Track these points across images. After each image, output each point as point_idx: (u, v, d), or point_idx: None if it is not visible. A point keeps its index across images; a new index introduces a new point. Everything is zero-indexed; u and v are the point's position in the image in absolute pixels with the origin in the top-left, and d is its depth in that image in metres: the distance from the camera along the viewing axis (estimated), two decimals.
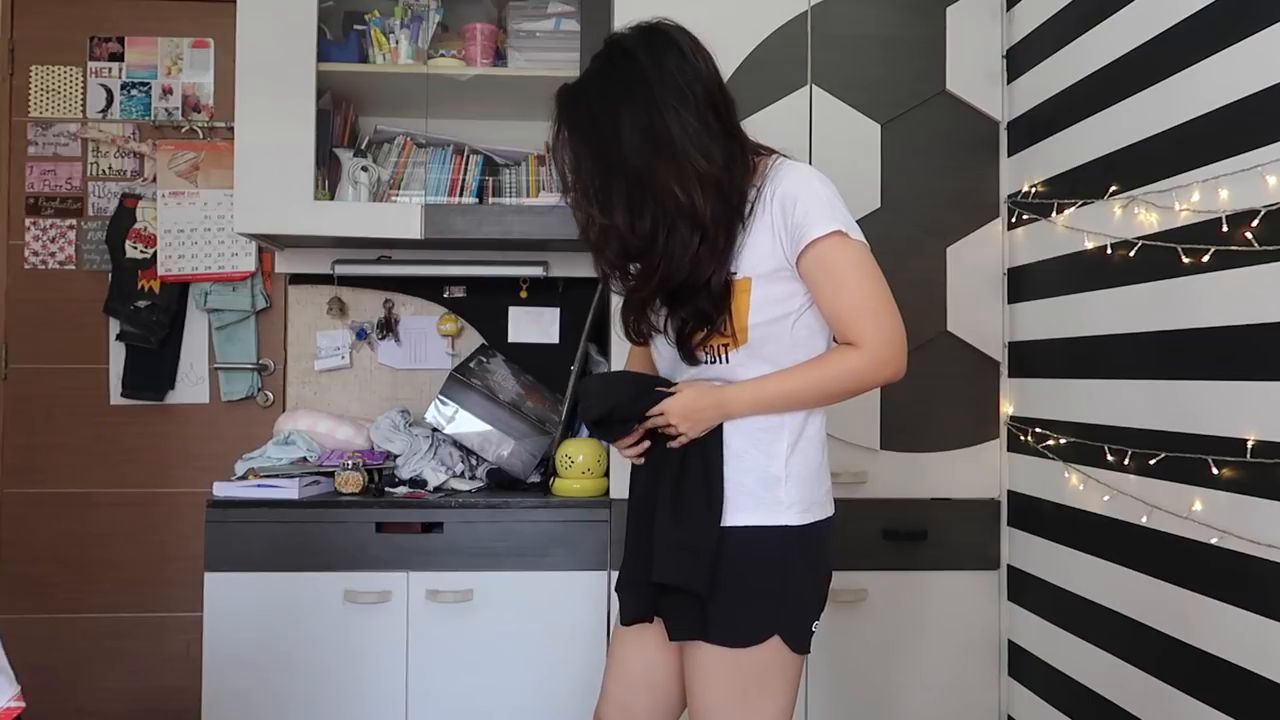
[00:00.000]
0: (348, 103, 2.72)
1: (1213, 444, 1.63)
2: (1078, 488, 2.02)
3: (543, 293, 2.85)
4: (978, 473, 2.34)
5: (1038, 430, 2.18)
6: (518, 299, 2.85)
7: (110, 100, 2.88)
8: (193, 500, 2.81)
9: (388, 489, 2.39)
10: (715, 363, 1.53)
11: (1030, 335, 2.24)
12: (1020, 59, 2.30)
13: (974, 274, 2.34)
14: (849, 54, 2.33)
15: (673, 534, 1.48)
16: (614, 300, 2.32)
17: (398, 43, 2.55)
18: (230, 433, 2.85)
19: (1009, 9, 2.34)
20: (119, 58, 2.89)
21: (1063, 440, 2.08)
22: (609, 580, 2.27)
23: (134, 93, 2.88)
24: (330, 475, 2.39)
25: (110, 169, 2.88)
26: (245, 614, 2.22)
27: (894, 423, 2.32)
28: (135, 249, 2.83)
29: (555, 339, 2.85)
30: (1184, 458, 1.69)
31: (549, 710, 2.27)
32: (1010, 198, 2.33)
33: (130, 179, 2.88)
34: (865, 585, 2.30)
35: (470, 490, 2.40)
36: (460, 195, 2.64)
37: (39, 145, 2.86)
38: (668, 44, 1.48)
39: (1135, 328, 1.85)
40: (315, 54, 2.40)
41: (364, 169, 2.55)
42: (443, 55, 2.55)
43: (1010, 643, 2.32)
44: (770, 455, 1.51)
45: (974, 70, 2.35)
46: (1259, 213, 1.52)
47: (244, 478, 2.36)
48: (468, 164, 2.65)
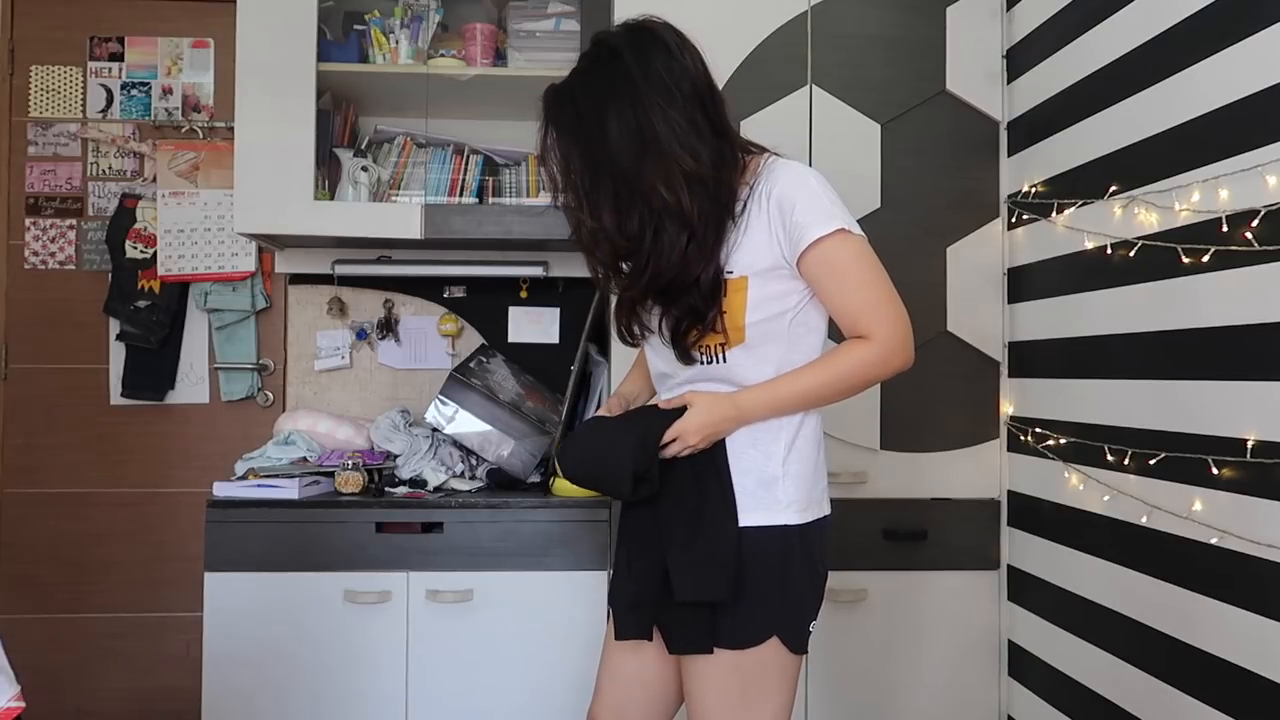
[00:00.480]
0: (348, 103, 2.72)
1: (1213, 444, 1.63)
2: (1078, 488, 2.02)
3: (543, 293, 2.85)
4: (978, 473, 2.34)
5: (1038, 430, 2.18)
6: (518, 299, 2.85)
7: (110, 100, 2.88)
8: (192, 500, 2.81)
9: (388, 489, 2.39)
10: (713, 362, 1.52)
11: (1030, 335, 2.24)
12: (1020, 59, 2.30)
13: (974, 274, 2.34)
14: (849, 54, 2.33)
15: (699, 549, 1.46)
16: (613, 300, 2.32)
17: (398, 43, 2.55)
18: (230, 433, 2.85)
19: (1009, 9, 2.34)
20: (119, 58, 2.88)
21: (1063, 440, 2.08)
22: (609, 580, 2.27)
23: (134, 93, 2.88)
24: (330, 475, 2.39)
25: (110, 169, 2.88)
26: (245, 614, 2.22)
27: (894, 423, 2.32)
28: (135, 249, 2.83)
29: (555, 339, 2.85)
30: (1184, 458, 1.69)
31: (548, 710, 2.27)
32: (1010, 198, 2.33)
33: (130, 179, 2.88)
34: (865, 585, 2.30)
35: (470, 490, 2.40)
36: (460, 195, 2.64)
37: (39, 145, 2.86)
38: (654, 42, 1.47)
39: (1135, 328, 1.85)
40: (315, 54, 2.40)
41: (364, 169, 2.55)
42: (443, 55, 2.55)
43: (1010, 643, 2.32)
44: (768, 455, 1.50)
45: (974, 70, 2.35)
46: (1259, 213, 1.52)
47: (244, 478, 2.36)
48: (468, 164, 2.65)
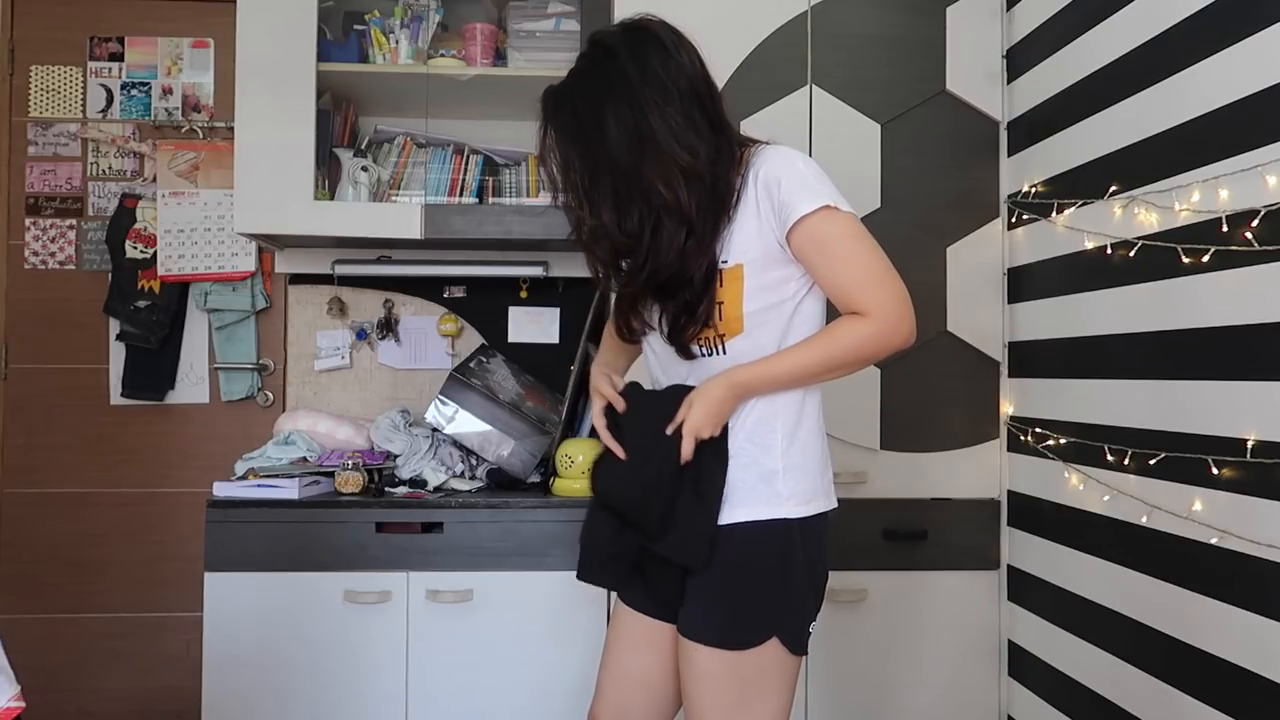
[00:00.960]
0: (348, 103, 2.72)
1: (1213, 444, 1.63)
2: (1078, 488, 2.02)
3: (543, 293, 2.85)
4: (978, 473, 2.34)
5: (1038, 430, 2.18)
6: (518, 299, 2.85)
7: (110, 100, 2.88)
8: (192, 500, 2.81)
9: (388, 489, 2.39)
10: (712, 354, 1.52)
11: (1030, 335, 2.24)
12: (1020, 59, 2.30)
13: (974, 274, 2.34)
14: (849, 54, 2.33)
15: (695, 519, 1.47)
16: (613, 299, 2.32)
17: (398, 43, 2.55)
18: (230, 433, 2.85)
19: (1009, 9, 2.34)
20: (119, 58, 2.88)
21: (1063, 440, 2.08)
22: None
23: (134, 93, 2.88)
24: (330, 475, 2.39)
25: (110, 169, 2.88)
26: (245, 614, 2.22)
27: (894, 423, 2.32)
28: (135, 249, 2.83)
29: (555, 339, 2.85)
30: (1184, 458, 1.69)
31: (548, 710, 2.27)
32: (1010, 198, 2.33)
33: (130, 179, 2.88)
34: (865, 585, 2.30)
35: (470, 490, 2.40)
36: (460, 195, 2.64)
37: (39, 145, 2.86)
38: (650, 41, 1.48)
39: (1135, 328, 1.85)
40: (315, 54, 2.40)
41: (364, 169, 2.55)
42: (443, 55, 2.55)
43: (1010, 643, 2.32)
44: (765, 449, 1.49)
45: (974, 70, 2.35)
46: (1259, 213, 1.52)
47: (244, 478, 2.36)
48: (468, 164, 2.65)
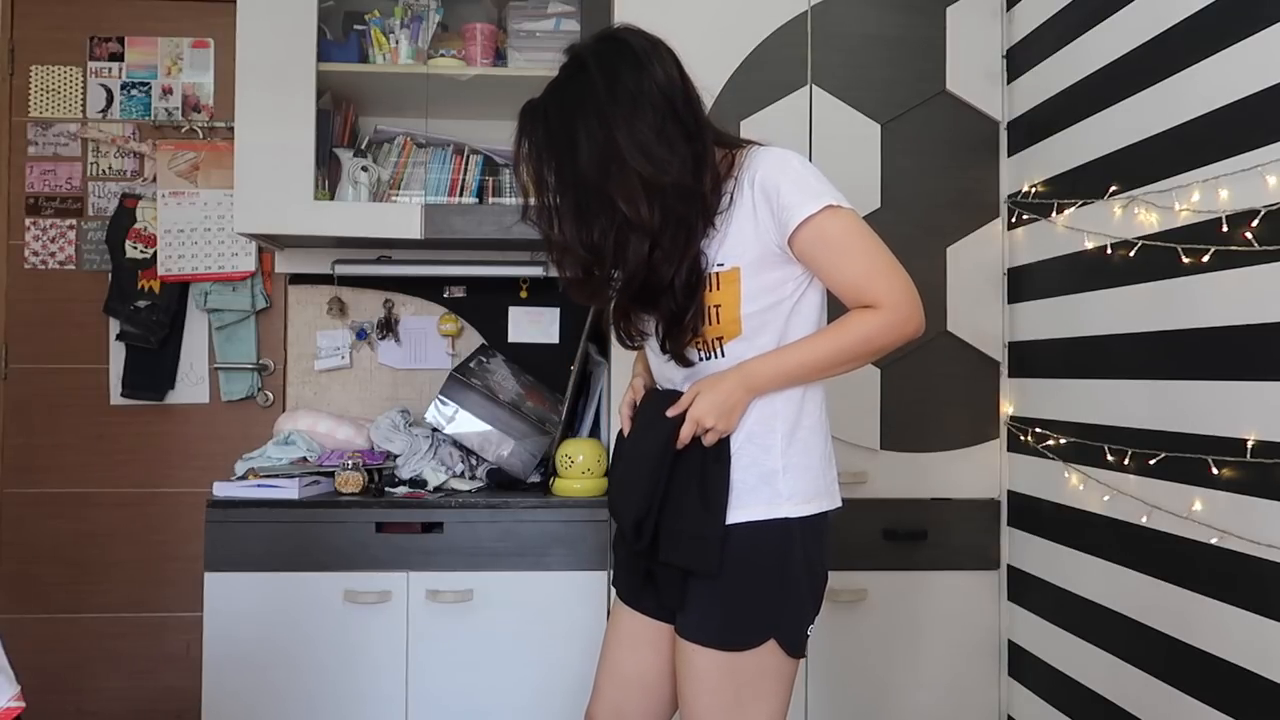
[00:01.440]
0: (348, 103, 2.72)
1: (1213, 444, 1.63)
2: (1078, 488, 2.02)
3: (543, 293, 2.85)
4: (978, 473, 2.34)
5: (1038, 430, 2.18)
6: (518, 299, 2.85)
7: (110, 100, 2.88)
8: (193, 500, 2.81)
9: (388, 489, 2.39)
10: (711, 358, 1.52)
11: (1030, 335, 2.24)
12: (1020, 59, 2.30)
13: (974, 274, 2.34)
14: (849, 54, 2.33)
15: (704, 525, 1.46)
16: (613, 300, 2.32)
17: (398, 43, 2.55)
18: (230, 433, 2.85)
19: (1009, 9, 2.34)
20: (119, 58, 2.88)
21: (1063, 440, 2.08)
22: (609, 580, 2.27)
23: (134, 93, 2.88)
24: (330, 475, 2.39)
25: (110, 169, 2.88)
26: (245, 614, 2.22)
27: (894, 423, 2.32)
28: (135, 249, 2.83)
29: (555, 339, 2.85)
30: (1184, 458, 1.69)
31: (548, 710, 2.27)
32: (1010, 198, 2.33)
33: (130, 179, 2.88)
34: (865, 585, 2.30)
35: (470, 490, 2.40)
36: (460, 195, 2.64)
37: (39, 145, 2.86)
38: (620, 52, 1.46)
39: (1135, 328, 1.85)
40: (315, 54, 2.40)
41: (364, 169, 2.55)
42: (443, 55, 2.55)
43: (1010, 643, 2.32)
44: (766, 449, 1.49)
45: (974, 70, 2.35)
46: (1259, 213, 1.52)
47: (244, 478, 2.36)
48: (468, 164, 2.65)
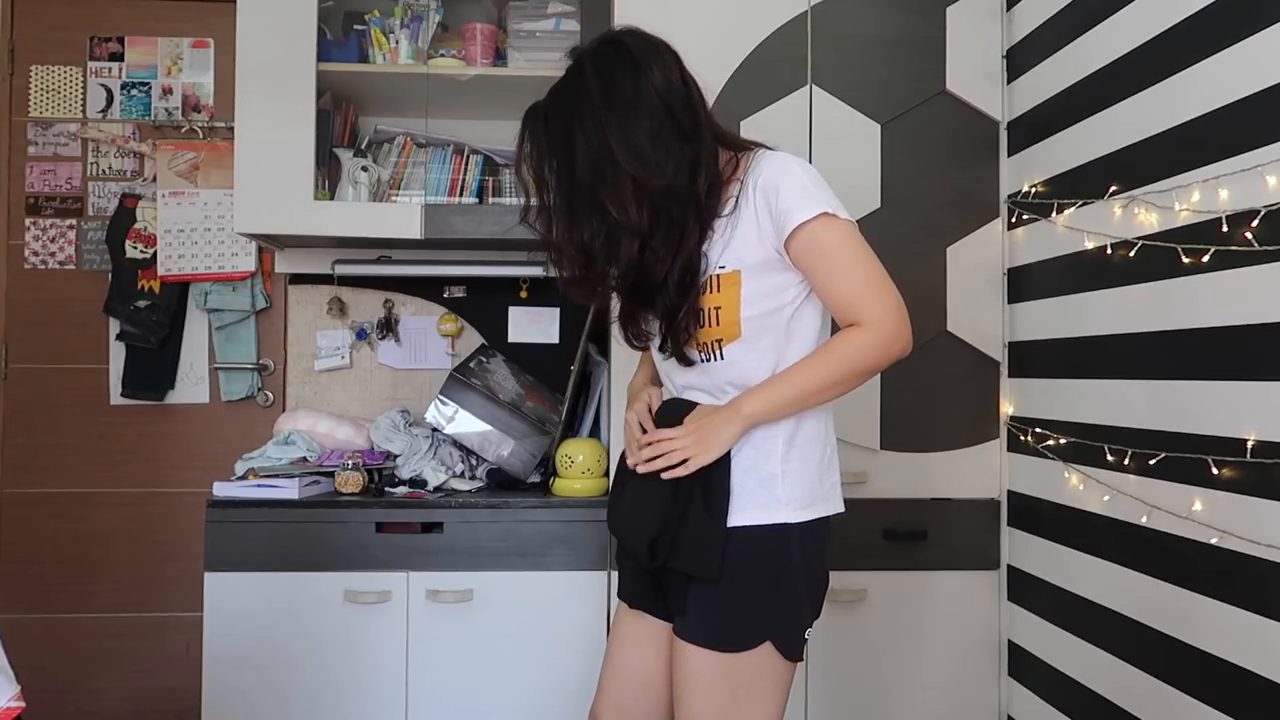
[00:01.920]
0: (348, 103, 2.72)
1: (1213, 444, 1.63)
2: (1078, 488, 2.02)
3: (543, 293, 2.85)
4: (978, 473, 2.34)
5: (1038, 430, 2.18)
6: (518, 299, 2.85)
7: (110, 100, 2.88)
8: (193, 500, 2.81)
9: (388, 489, 2.39)
10: (710, 360, 1.52)
11: (1030, 335, 2.24)
12: (1020, 59, 2.30)
13: (974, 274, 2.34)
14: (849, 54, 2.33)
15: (707, 531, 1.47)
16: (614, 300, 2.32)
17: (398, 43, 2.55)
18: (230, 433, 2.85)
19: (1009, 9, 2.34)
20: (119, 58, 2.89)
21: (1063, 440, 2.08)
22: (609, 580, 2.27)
23: (134, 93, 2.89)
24: (330, 475, 2.39)
25: (110, 169, 2.88)
26: (245, 614, 2.22)
27: (894, 423, 2.32)
28: (135, 249, 2.83)
29: (555, 339, 2.85)
30: (1184, 458, 1.69)
31: (549, 710, 2.27)
32: (1010, 198, 2.33)
33: (130, 179, 2.88)
34: (865, 585, 2.30)
35: (470, 490, 2.40)
36: (460, 195, 2.64)
37: (39, 145, 2.86)
38: (617, 57, 1.47)
39: (1135, 328, 1.85)
40: (315, 54, 2.40)
41: (364, 169, 2.55)
42: (443, 55, 2.55)
43: (1010, 643, 2.32)
44: (766, 453, 1.50)
45: (974, 70, 2.35)
46: (1259, 213, 1.52)
47: (244, 478, 2.36)
48: (468, 164, 2.65)
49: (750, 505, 1.48)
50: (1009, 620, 2.33)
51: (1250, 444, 1.54)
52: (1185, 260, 1.69)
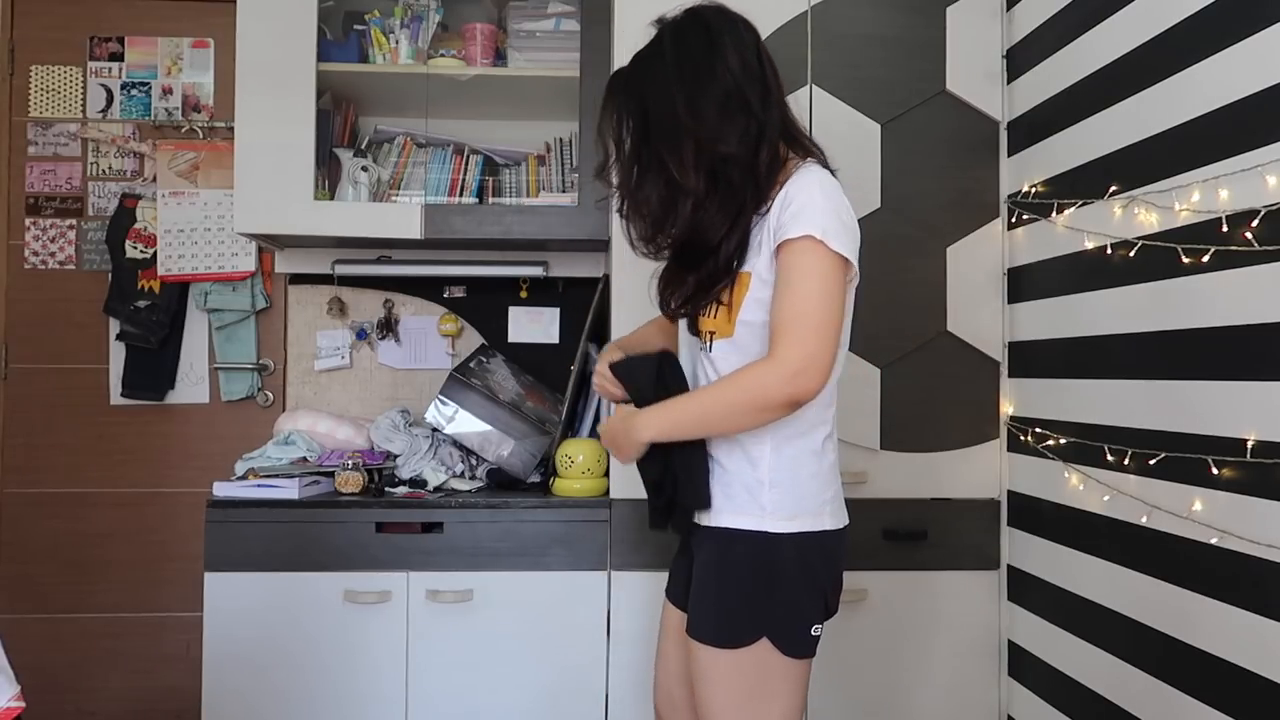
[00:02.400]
0: (348, 103, 2.72)
1: (1213, 444, 1.63)
2: (1078, 488, 2.02)
3: (543, 293, 2.85)
4: (978, 473, 2.34)
5: (1038, 430, 2.18)
6: (518, 299, 2.85)
7: (110, 100, 2.88)
8: (192, 500, 2.81)
9: (388, 489, 2.39)
10: (704, 349, 1.56)
11: (1030, 335, 2.24)
12: (1020, 59, 2.30)
13: (974, 274, 2.34)
14: (849, 54, 2.33)
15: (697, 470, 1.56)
16: (614, 300, 2.32)
17: (398, 43, 2.55)
18: (230, 433, 2.85)
19: (1009, 9, 2.34)
20: (119, 58, 2.89)
21: (1063, 440, 2.08)
22: (609, 580, 2.27)
23: (134, 93, 2.89)
24: (330, 475, 2.39)
25: (110, 169, 2.88)
26: (245, 614, 2.22)
27: (894, 423, 2.32)
28: (135, 249, 2.83)
29: (555, 339, 2.85)
30: (1184, 458, 1.69)
31: (549, 710, 2.27)
32: (1010, 198, 2.33)
33: (130, 179, 2.88)
34: (865, 585, 2.30)
35: (470, 490, 2.40)
36: (460, 195, 2.64)
37: (39, 145, 2.86)
38: (694, 27, 1.54)
39: (1135, 328, 1.85)
40: (315, 54, 2.40)
41: (364, 169, 2.55)
42: (443, 55, 2.55)
43: (1010, 643, 2.32)
44: (753, 461, 1.52)
45: (974, 70, 2.35)
46: (1259, 213, 1.52)
47: (244, 478, 2.36)
48: (468, 164, 2.65)
49: (736, 510, 1.52)
50: (1009, 620, 2.33)
51: (1250, 444, 1.54)
52: (1185, 260, 1.69)
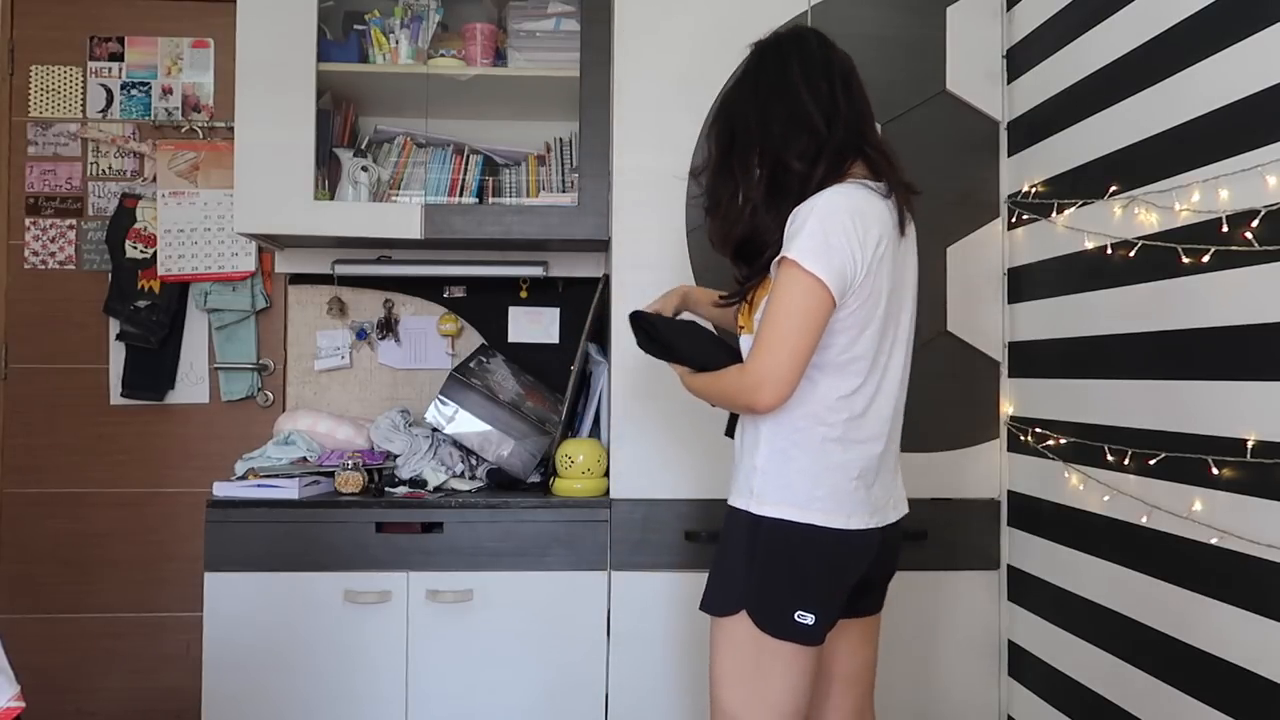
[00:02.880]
0: (348, 103, 2.72)
1: (1213, 444, 1.63)
2: (1078, 488, 2.02)
3: (543, 293, 2.85)
4: (978, 473, 2.34)
5: (1038, 430, 2.18)
6: (518, 299, 2.85)
7: (110, 100, 2.88)
8: (192, 500, 2.81)
9: (388, 489, 2.39)
10: (739, 338, 1.71)
11: (1030, 335, 2.24)
12: (1020, 59, 2.30)
13: (974, 274, 2.34)
14: (849, 54, 2.32)
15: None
16: (614, 300, 2.32)
17: (398, 43, 2.55)
18: (230, 433, 2.85)
19: (1009, 9, 2.34)
20: (119, 58, 2.89)
21: (1063, 440, 2.08)
22: (609, 580, 2.27)
23: (134, 93, 2.89)
24: (330, 475, 2.39)
25: (110, 169, 2.88)
26: (245, 614, 2.22)
27: None
28: (135, 249, 2.83)
29: (555, 339, 2.85)
30: (1184, 458, 1.69)
31: (549, 710, 2.27)
32: (1010, 198, 2.33)
33: (130, 179, 2.88)
34: None
35: (470, 490, 2.40)
36: (460, 195, 2.64)
37: (39, 145, 2.86)
38: (773, 52, 1.71)
39: (1135, 328, 1.85)
40: (315, 54, 2.40)
41: (364, 169, 2.55)
42: (443, 55, 2.55)
43: (1010, 643, 2.32)
44: (753, 450, 1.65)
45: (974, 70, 2.35)
46: (1259, 213, 1.52)
47: (244, 478, 2.36)
48: (468, 164, 2.65)
49: (737, 491, 1.67)
50: (1009, 620, 2.33)
51: (1250, 444, 1.54)
52: (1185, 260, 1.69)
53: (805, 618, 1.59)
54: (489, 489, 2.44)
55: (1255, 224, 1.53)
